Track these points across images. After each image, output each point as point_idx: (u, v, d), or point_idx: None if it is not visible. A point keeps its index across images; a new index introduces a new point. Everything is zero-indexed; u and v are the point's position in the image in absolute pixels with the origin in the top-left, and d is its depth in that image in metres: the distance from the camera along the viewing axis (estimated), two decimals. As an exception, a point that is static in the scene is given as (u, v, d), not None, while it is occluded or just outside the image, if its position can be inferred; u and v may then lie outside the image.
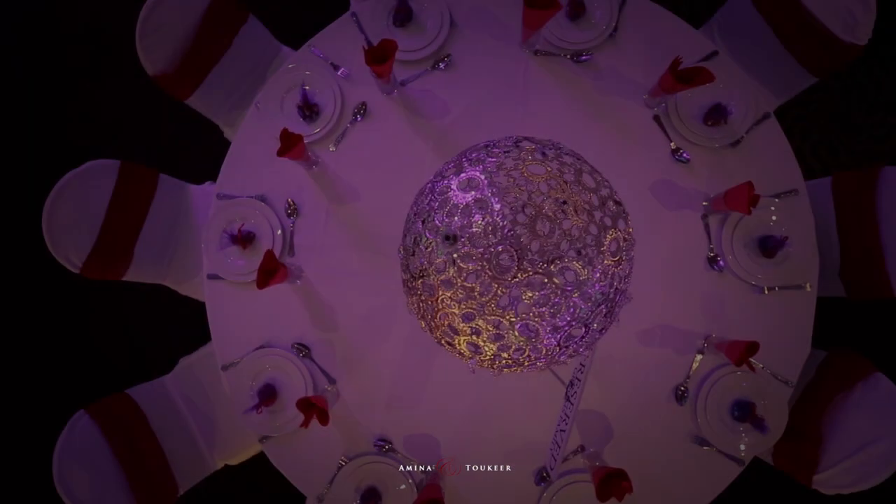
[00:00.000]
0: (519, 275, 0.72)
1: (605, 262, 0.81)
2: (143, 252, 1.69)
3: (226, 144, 1.60)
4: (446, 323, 0.79)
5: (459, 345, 0.81)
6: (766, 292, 1.46)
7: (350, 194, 1.54)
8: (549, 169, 0.83)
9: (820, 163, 2.35)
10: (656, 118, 1.51)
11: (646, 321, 1.46)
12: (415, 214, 0.85)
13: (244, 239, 1.50)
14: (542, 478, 1.42)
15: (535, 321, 0.75)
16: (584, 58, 1.52)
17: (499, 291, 0.73)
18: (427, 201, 0.83)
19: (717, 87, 1.47)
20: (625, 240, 0.87)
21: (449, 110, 1.54)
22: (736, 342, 1.33)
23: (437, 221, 0.79)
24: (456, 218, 0.77)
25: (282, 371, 1.49)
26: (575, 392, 1.07)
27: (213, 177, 1.67)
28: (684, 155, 1.50)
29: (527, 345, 0.77)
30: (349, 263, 1.52)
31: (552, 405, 1.35)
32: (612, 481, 1.17)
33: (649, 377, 1.46)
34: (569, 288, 0.76)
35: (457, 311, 0.76)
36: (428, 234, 0.79)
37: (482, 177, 0.80)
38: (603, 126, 1.51)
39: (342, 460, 1.48)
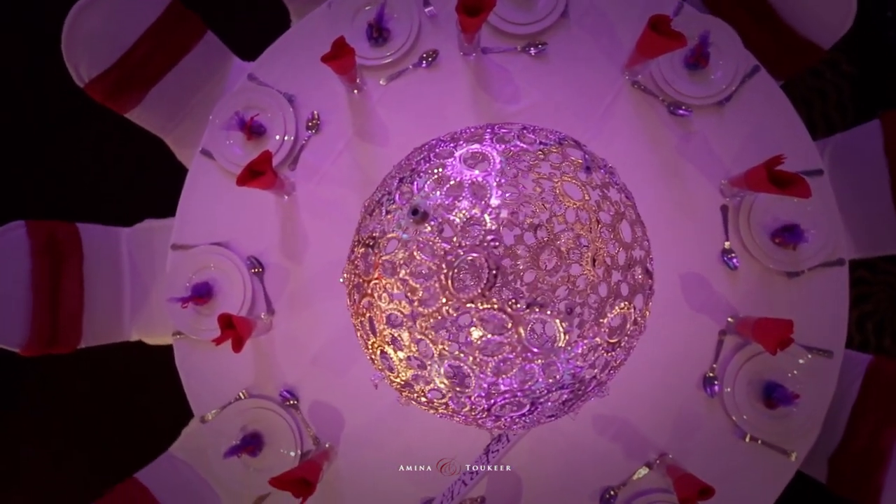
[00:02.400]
0: (479, 302, 0.57)
1: (598, 339, 0.64)
2: (157, 99, 1.57)
3: (288, 34, 1.47)
4: (368, 315, 0.65)
5: (373, 347, 0.67)
6: (747, 440, 1.30)
7: (378, 136, 1.40)
8: (586, 197, 0.67)
9: (861, 336, 2.14)
10: (724, 209, 1.34)
11: (609, 408, 1.30)
12: (397, 169, 0.70)
13: (252, 130, 1.37)
14: (427, 511, 1.29)
15: (471, 368, 0.59)
16: (681, 112, 1.35)
17: (444, 310, 0.57)
18: (419, 159, 0.68)
19: (805, 207, 1.29)
20: (635, 323, 0.71)
21: (518, 99, 1.38)
22: (690, 477, 1.17)
23: (414, 187, 0.64)
24: (439, 193, 0.61)
25: (226, 277, 1.37)
26: (497, 450, 0.93)
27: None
28: (734, 261, 1.33)
29: (449, 391, 0.62)
30: (345, 204, 1.38)
31: (475, 445, 1.21)
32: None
33: (585, 465, 1.31)
34: (534, 349, 0.60)
35: (384, 307, 0.61)
36: (397, 198, 0.64)
37: (497, 157, 0.63)
38: (664, 190, 1.34)
39: (242, 393, 1.36)
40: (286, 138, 1.38)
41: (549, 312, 0.59)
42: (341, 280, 0.75)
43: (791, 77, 1.57)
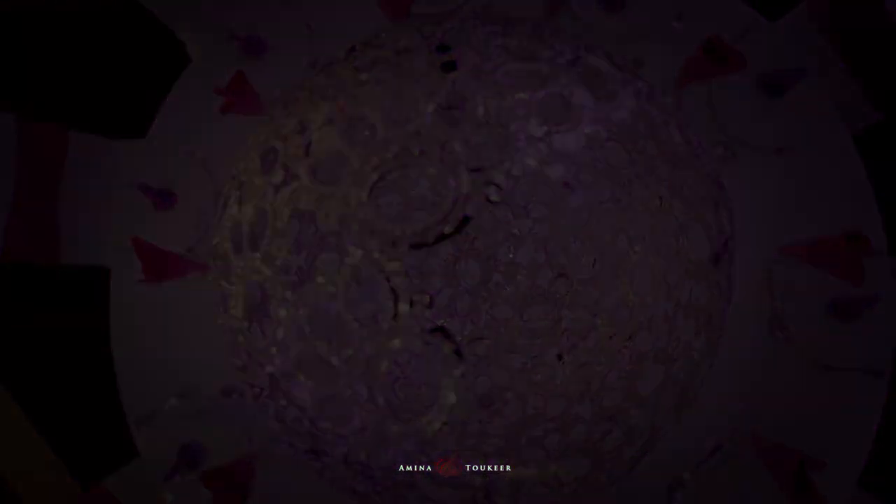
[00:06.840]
0: (400, 247, 0.31)
1: (478, 467, 0.39)
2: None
3: None
4: (263, 130, 0.43)
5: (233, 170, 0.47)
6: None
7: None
8: (655, 298, 0.45)
9: None
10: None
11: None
12: (484, 23, 0.43)
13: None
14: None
15: (320, 353, 0.34)
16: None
17: (332, 212, 0.31)
18: (549, 31, 0.43)
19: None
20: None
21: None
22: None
23: (484, 35, 0.38)
24: (502, 65, 0.33)
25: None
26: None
27: None
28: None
29: (243, 319, 0.42)
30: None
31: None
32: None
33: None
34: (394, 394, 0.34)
35: (277, 130, 0.37)
36: (450, 29, 0.39)
37: (629, 102, 0.37)
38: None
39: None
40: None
41: (458, 371, 0.35)
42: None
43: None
